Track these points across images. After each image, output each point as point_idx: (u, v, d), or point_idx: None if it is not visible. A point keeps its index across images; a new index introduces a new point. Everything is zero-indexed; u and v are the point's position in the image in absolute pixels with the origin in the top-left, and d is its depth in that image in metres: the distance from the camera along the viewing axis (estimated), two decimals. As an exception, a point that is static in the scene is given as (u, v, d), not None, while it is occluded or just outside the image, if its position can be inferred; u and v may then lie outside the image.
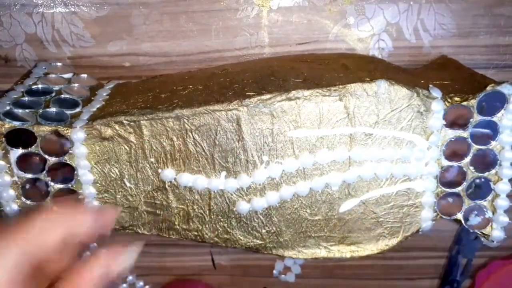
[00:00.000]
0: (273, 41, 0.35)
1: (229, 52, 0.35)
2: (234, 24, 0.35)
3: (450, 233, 0.40)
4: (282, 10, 0.35)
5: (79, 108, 0.31)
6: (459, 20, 0.34)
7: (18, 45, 0.36)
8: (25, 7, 0.35)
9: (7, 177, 0.30)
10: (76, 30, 0.35)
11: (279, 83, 0.28)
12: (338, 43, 0.35)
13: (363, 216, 0.30)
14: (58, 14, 0.35)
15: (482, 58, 0.36)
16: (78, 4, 0.34)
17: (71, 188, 0.31)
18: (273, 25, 0.35)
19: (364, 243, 0.31)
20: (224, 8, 0.34)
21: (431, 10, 0.34)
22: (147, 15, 0.35)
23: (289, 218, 0.30)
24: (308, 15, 0.35)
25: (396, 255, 0.41)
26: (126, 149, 0.30)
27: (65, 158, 0.30)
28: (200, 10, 0.34)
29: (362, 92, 0.28)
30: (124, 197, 0.31)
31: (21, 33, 0.35)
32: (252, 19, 0.35)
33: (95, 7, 0.35)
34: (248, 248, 0.31)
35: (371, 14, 0.34)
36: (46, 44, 0.36)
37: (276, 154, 0.29)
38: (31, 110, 0.30)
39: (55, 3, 0.35)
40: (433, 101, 0.29)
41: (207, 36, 0.35)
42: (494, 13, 0.34)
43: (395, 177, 0.30)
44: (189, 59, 0.36)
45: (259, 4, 0.34)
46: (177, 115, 0.29)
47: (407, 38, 0.35)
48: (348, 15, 0.34)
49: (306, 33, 0.35)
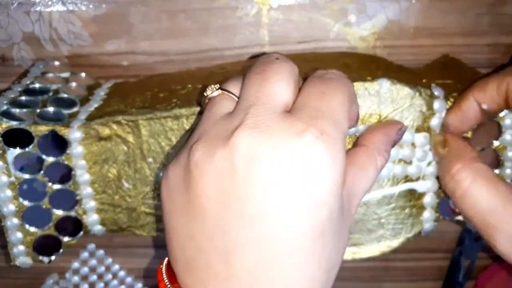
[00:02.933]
0: (273, 39, 0.35)
1: (228, 50, 0.35)
2: (233, 22, 0.34)
3: (453, 234, 0.40)
4: (282, 8, 0.34)
5: (77, 107, 0.31)
6: (462, 18, 0.34)
7: (16, 44, 0.35)
8: (22, 6, 0.34)
9: (4, 177, 0.30)
10: (74, 28, 0.35)
11: (279, 82, 0.28)
12: (339, 41, 0.35)
13: (364, 217, 0.30)
14: (55, 12, 0.34)
15: (485, 57, 0.35)
16: (76, 3, 0.34)
17: (68, 189, 0.30)
18: (273, 24, 0.35)
19: (365, 245, 0.31)
20: (223, 6, 0.34)
21: (433, 9, 0.34)
22: (145, 14, 0.34)
23: (289, 219, 0.30)
24: (308, 13, 0.34)
25: (398, 256, 0.41)
26: (124, 149, 0.30)
27: (63, 158, 0.30)
28: (199, 8, 0.34)
29: (364, 91, 0.27)
30: (122, 198, 0.31)
31: (19, 32, 0.35)
32: (252, 18, 0.34)
33: (93, 6, 0.34)
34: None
35: (373, 12, 0.34)
36: (43, 43, 0.35)
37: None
38: (29, 110, 0.30)
39: (52, 2, 0.34)
40: (435, 100, 0.28)
41: (206, 34, 0.35)
42: (497, 12, 0.34)
43: (397, 177, 0.29)
44: (188, 58, 0.35)
45: (259, 2, 0.34)
46: (175, 114, 0.28)
47: (409, 36, 0.35)
48: (349, 13, 0.34)
49: (307, 31, 0.35)
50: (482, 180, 0.25)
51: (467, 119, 0.27)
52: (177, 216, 0.21)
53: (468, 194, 0.25)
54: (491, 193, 0.24)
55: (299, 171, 0.19)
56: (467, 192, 0.25)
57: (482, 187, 0.24)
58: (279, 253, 0.19)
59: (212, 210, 0.19)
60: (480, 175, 0.25)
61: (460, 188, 0.25)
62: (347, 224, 0.22)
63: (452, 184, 0.25)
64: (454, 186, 0.25)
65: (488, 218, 0.24)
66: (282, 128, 0.20)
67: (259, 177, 0.19)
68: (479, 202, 0.24)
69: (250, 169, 0.19)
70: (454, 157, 0.26)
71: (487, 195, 0.24)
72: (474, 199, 0.24)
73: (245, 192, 0.19)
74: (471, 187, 0.25)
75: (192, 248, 0.20)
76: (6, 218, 0.31)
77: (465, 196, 0.25)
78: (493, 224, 0.24)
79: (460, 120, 0.27)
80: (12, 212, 0.31)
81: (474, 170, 0.25)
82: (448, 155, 0.27)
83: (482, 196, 0.24)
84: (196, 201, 0.20)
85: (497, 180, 0.25)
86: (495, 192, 0.24)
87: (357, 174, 0.23)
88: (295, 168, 0.19)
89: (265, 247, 0.19)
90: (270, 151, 0.19)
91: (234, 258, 0.19)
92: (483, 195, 0.24)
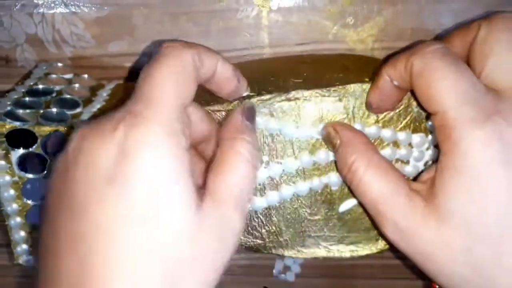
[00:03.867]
0: (273, 41, 0.35)
1: (229, 52, 0.35)
2: (234, 24, 0.35)
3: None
4: (282, 11, 0.35)
5: (80, 108, 0.31)
6: (459, 20, 0.34)
7: (19, 46, 0.36)
8: (25, 8, 0.35)
9: (8, 177, 0.30)
10: (77, 30, 0.35)
11: (278, 84, 0.28)
12: (337, 43, 0.35)
13: (362, 216, 0.30)
14: (58, 14, 0.35)
15: (482, 58, 0.36)
16: (79, 5, 0.35)
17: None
18: (273, 26, 0.35)
19: (363, 243, 0.31)
20: (224, 8, 0.34)
21: (431, 11, 0.34)
22: (147, 16, 0.35)
23: (288, 218, 0.30)
24: (308, 15, 0.35)
25: (395, 254, 0.41)
26: (127, 149, 0.30)
27: (66, 158, 0.30)
28: (200, 10, 0.35)
29: (362, 92, 0.28)
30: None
31: (22, 33, 0.35)
32: (252, 20, 0.35)
33: (95, 8, 0.35)
34: (248, 247, 0.31)
35: (371, 14, 0.34)
36: (46, 44, 0.36)
37: (276, 154, 0.29)
38: (32, 111, 0.30)
39: (55, 4, 0.35)
40: (432, 101, 0.29)
41: (207, 36, 0.35)
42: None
43: (395, 177, 0.30)
44: (189, 59, 0.36)
45: (259, 4, 0.34)
46: (177, 115, 0.29)
47: (406, 38, 0.35)
48: (348, 15, 0.35)
49: (306, 33, 0.35)
50: (374, 170, 0.25)
51: (386, 97, 0.26)
52: (52, 206, 0.21)
53: (361, 183, 0.25)
54: (382, 183, 0.24)
55: (114, 161, 0.19)
56: (360, 182, 0.25)
57: (373, 176, 0.25)
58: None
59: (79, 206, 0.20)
60: (373, 165, 0.25)
61: (355, 178, 0.25)
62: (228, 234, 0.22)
63: (350, 175, 0.25)
64: (351, 177, 0.25)
65: (378, 207, 0.24)
66: (110, 121, 0.20)
67: (79, 171, 0.19)
68: (371, 190, 0.24)
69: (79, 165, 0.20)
70: (349, 148, 0.26)
71: (378, 184, 0.24)
72: (367, 188, 0.25)
73: (74, 189, 0.19)
74: (364, 176, 0.25)
75: (57, 241, 0.20)
76: (9, 217, 0.31)
77: (358, 185, 0.25)
78: (382, 212, 0.24)
79: (379, 98, 0.26)
80: (16, 211, 0.31)
81: (368, 159, 0.25)
82: (343, 146, 0.26)
83: (373, 185, 0.24)
84: (65, 193, 0.20)
85: (389, 170, 0.25)
86: (386, 181, 0.24)
87: (225, 169, 0.22)
88: (111, 159, 0.19)
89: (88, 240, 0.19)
90: (92, 145, 0.20)
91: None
92: (374, 184, 0.24)
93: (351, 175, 0.25)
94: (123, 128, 0.19)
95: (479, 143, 0.21)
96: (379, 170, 0.25)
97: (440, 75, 0.22)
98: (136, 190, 0.19)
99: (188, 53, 0.22)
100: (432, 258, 0.23)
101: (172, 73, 0.21)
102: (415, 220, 0.23)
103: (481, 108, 0.21)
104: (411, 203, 0.23)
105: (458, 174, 0.22)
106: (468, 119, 0.21)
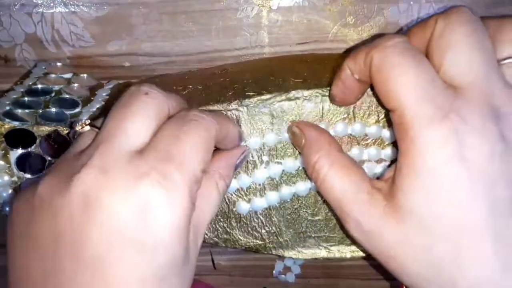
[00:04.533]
0: (273, 41, 0.35)
1: (229, 52, 0.35)
2: (234, 24, 0.35)
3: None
4: (282, 10, 0.35)
5: (79, 108, 0.31)
6: (459, 20, 0.34)
7: (18, 45, 0.36)
8: (24, 7, 0.35)
9: (7, 177, 0.30)
10: (76, 30, 0.35)
11: (279, 83, 0.28)
12: (338, 43, 0.35)
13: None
14: (57, 14, 0.35)
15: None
16: (78, 4, 0.34)
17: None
18: (273, 25, 0.35)
19: (364, 243, 0.31)
20: (224, 8, 0.34)
21: (431, 10, 0.34)
22: (146, 15, 0.35)
23: (289, 218, 0.30)
24: (308, 15, 0.35)
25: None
26: (126, 149, 0.30)
27: (65, 158, 0.30)
28: (199, 10, 0.34)
29: (362, 92, 0.28)
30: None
31: (21, 33, 0.35)
32: (252, 19, 0.35)
33: (94, 7, 0.35)
34: (248, 248, 0.31)
35: (371, 14, 0.34)
36: (45, 44, 0.36)
37: (276, 154, 0.29)
38: (31, 110, 0.30)
39: (54, 3, 0.35)
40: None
41: (207, 36, 0.35)
42: (494, 12, 0.34)
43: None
44: (188, 59, 0.36)
45: (259, 4, 0.34)
46: (176, 115, 0.29)
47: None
48: (348, 15, 0.34)
49: (306, 33, 0.35)
50: (337, 168, 0.24)
51: (349, 90, 0.25)
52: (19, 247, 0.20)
53: (325, 182, 0.25)
54: (344, 181, 0.24)
55: (135, 217, 0.19)
56: (324, 181, 0.25)
57: (336, 174, 0.24)
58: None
59: (49, 250, 0.19)
60: (336, 163, 0.25)
61: (319, 177, 0.25)
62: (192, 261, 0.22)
63: (314, 174, 0.25)
64: (315, 176, 0.25)
65: (341, 205, 0.24)
66: (125, 171, 0.19)
67: (94, 223, 0.19)
68: (334, 189, 0.24)
69: (86, 214, 0.19)
70: (313, 147, 0.26)
71: (341, 183, 0.24)
72: (330, 187, 0.24)
73: (80, 237, 0.19)
74: (327, 175, 0.24)
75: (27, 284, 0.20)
76: (9, 217, 0.31)
77: (322, 184, 0.25)
78: (345, 211, 0.24)
79: (342, 91, 0.26)
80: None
81: (332, 158, 0.25)
82: (307, 145, 0.26)
83: (336, 184, 0.24)
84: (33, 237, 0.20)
85: (352, 168, 0.25)
86: (348, 180, 0.24)
87: (200, 204, 0.23)
88: (132, 214, 0.19)
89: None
90: (108, 196, 0.19)
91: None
92: (337, 183, 0.24)
93: (315, 174, 0.25)
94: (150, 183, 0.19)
95: (436, 142, 0.21)
96: (342, 169, 0.24)
97: (399, 71, 0.21)
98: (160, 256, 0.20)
99: (213, 127, 0.23)
100: (394, 257, 0.23)
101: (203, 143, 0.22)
102: (376, 219, 0.23)
103: (438, 106, 0.21)
104: (372, 201, 0.23)
105: (415, 173, 0.21)
106: (425, 118, 0.21)
